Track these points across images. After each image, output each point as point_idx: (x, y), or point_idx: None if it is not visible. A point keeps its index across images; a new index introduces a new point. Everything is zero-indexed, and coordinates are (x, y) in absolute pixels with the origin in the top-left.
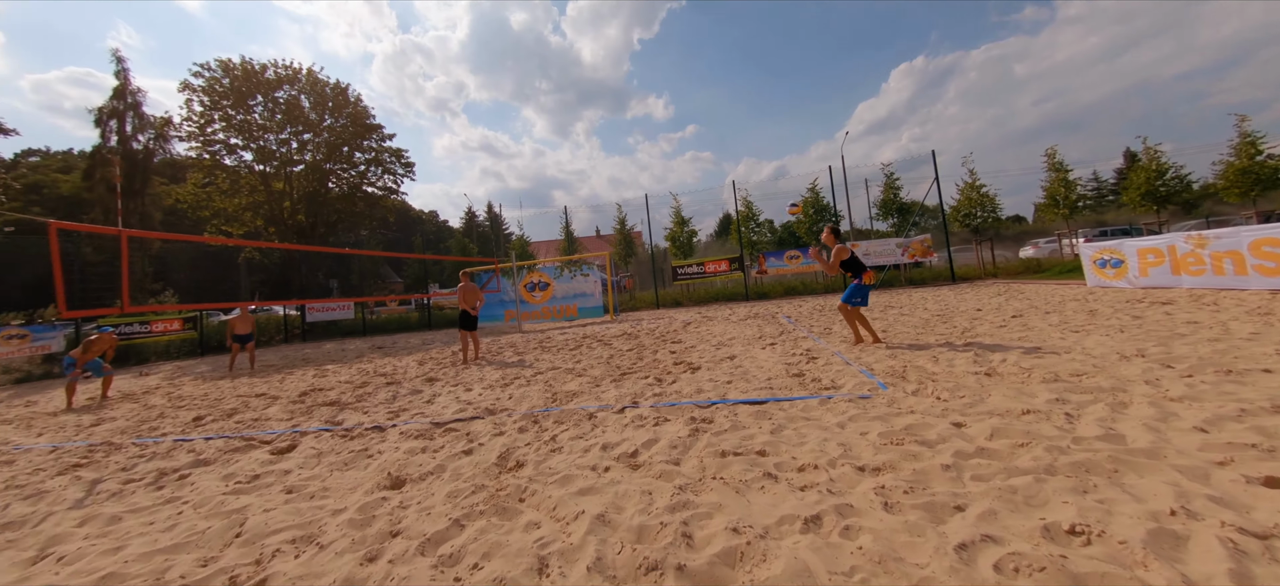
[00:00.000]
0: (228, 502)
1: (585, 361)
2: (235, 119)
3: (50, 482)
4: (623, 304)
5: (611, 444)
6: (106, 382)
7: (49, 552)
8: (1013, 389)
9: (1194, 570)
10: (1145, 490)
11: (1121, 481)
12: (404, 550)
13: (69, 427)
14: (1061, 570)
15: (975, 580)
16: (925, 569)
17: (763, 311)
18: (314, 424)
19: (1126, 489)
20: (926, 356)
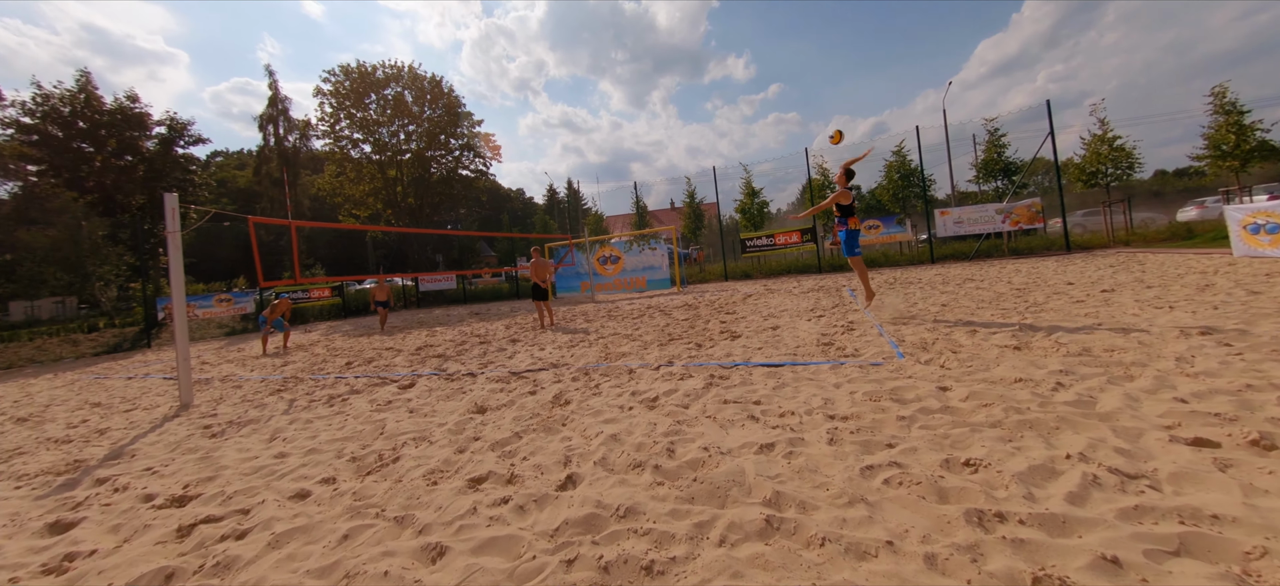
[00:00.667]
0: (373, 416)
1: (642, 328)
2: (356, 117)
3: (267, 399)
4: (691, 276)
5: (640, 391)
6: (286, 336)
7: (277, 436)
8: (1025, 362)
9: (1039, 492)
10: (1065, 442)
11: (1052, 436)
12: (480, 447)
13: (267, 366)
14: (933, 486)
15: (862, 486)
16: (830, 476)
17: (829, 285)
18: (427, 370)
19: (1050, 441)
20: (965, 331)
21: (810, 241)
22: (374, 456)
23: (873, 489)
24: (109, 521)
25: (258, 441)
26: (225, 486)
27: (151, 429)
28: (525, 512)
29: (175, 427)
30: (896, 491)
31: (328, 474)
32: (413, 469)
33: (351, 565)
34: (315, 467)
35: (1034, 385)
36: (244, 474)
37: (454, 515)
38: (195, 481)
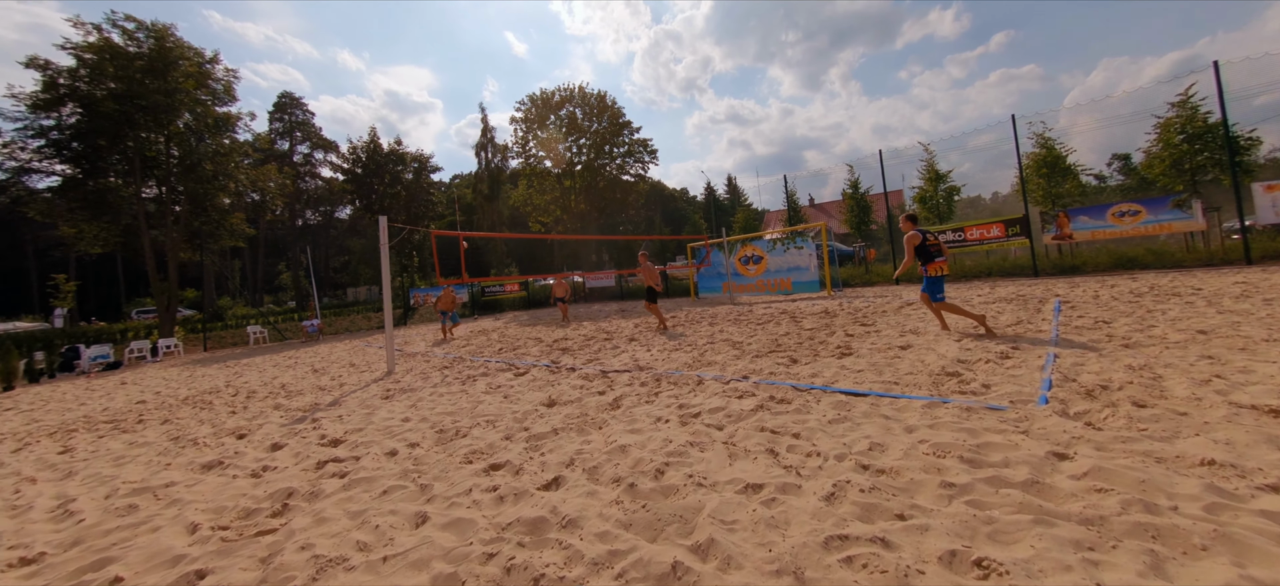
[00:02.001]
0: (480, 397)
1: (756, 336)
2: (540, 136)
3: (431, 373)
4: (855, 278)
5: (689, 404)
6: (447, 329)
7: (415, 404)
8: (1254, 439)
9: None
10: (1195, 576)
11: (1175, 562)
12: (521, 437)
13: (452, 347)
14: (899, 581)
15: (810, 559)
16: (786, 536)
17: (1037, 293)
18: (544, 360)
19: (1163, 568)
20: (1197, 379)
21: (1020, 234)
22: (453, 431)
23: (820, 565)
24: (295, 448)
25: (402, 406)
26: (362, 438)
27: (360, 388)
28: (501, 502)
29: (372, 389)
30: (845, 576)
31: (417, 439)
32: (466, 445)
33: (369, 517)
34: (414, 433)
35: (1224, 479)
36: (377, 430)
37: (457, 492)
38: (351, 430)
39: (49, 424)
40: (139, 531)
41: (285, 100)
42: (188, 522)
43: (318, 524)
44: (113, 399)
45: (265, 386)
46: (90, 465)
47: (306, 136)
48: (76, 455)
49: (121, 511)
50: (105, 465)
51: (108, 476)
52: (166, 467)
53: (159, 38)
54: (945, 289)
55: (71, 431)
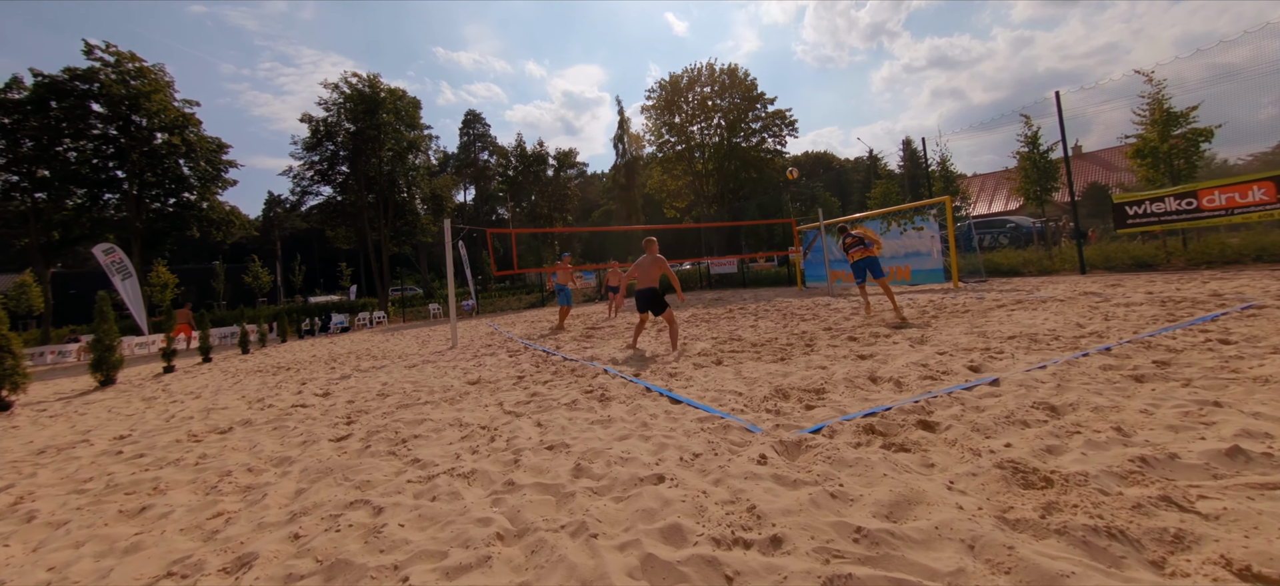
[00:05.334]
0: (507, 370)
1: (808, 336)
2: (671, 122)
3: (485, 359)
4: (1030, 264)
5: (538, 393)
6: (562, 314)
7: (443, 373)
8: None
9: None
10: None
11: None
12: (503, 423)
13: (554, 339)
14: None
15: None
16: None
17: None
18: (537, 344)
19: None
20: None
21: None
22: (466, 390)
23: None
24: (361, 387)
25: (430, 372)
26: (394, 396)
27: (433, 356)
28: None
29: (438, 358)
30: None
31: (433, 398)
32: (469, 415)
33: (358, 472)
34: (429, 396)
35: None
36: (404, 389)
37: (433, 456)
38: (394, 385)
39: (303, 359)
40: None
41: (470, 117)
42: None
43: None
44: (323, 349)
45: (370, 350)
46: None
47: (485, 146)
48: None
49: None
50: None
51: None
52: (302, 386)
53: (372, 86)
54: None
55: (297, 367)
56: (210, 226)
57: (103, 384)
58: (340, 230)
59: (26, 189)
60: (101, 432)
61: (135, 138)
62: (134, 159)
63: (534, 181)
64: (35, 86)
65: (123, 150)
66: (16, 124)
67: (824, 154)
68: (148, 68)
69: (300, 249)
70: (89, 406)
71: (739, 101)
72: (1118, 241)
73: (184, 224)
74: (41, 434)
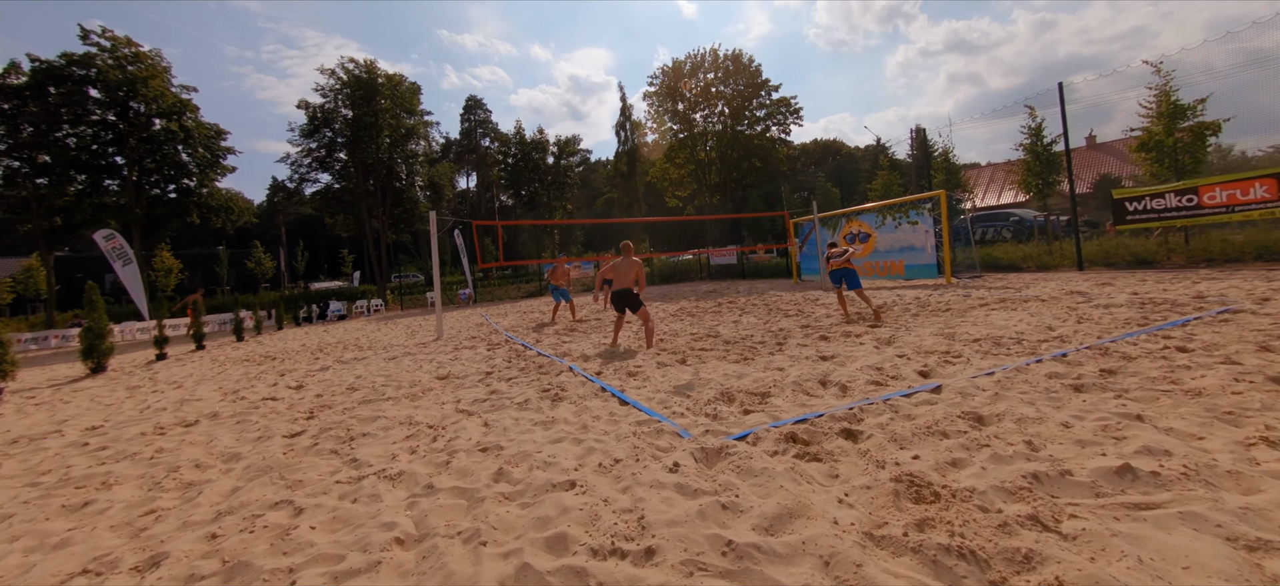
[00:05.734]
0: (471, 361)
1: (783, 334)
2: (673, 109)
3: (463, 350)
4: (1029, 260)
5: (496, 390)
6: (555, 309)
7: (418, 367)
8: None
9: None
10: None
11: None
12: (452, 422)
13: (546, 334)
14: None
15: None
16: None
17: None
18: (518, 339)
19: None
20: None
21: None
22: (430, 386)
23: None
24: (335, 379)
25: (407, 365)
26: (362, 390)
27: (416, 348)
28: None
29: (419, 350)
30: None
31: (397, 394)
32: (411, 395)
33: (296, 471)
34: (394, 391)
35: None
36: (374, 383)
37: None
38: (366, 379)
39: (293, 348)
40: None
41: (471, 102)
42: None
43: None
44: (315, 338)
45: (358, 340)
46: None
47: (487, 133)
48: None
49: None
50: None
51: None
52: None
53: (370, 71)
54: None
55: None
56: (210, 213)
57: (93, 371)
58: (339, 218)
59: (28, 174)
60: (77, 423)
61: (133, 123)
62: (132, 145)
63: (533, 169)
64: (32, 72)
65: (121, 136)
66: (16, 110)
67: (833, 142)
68: (144, 53)
69: (304, 234)
70: (76, 394)
71: (743, 88)
72: (1120, 237)
73: (184, 210)
74: (21, 423)
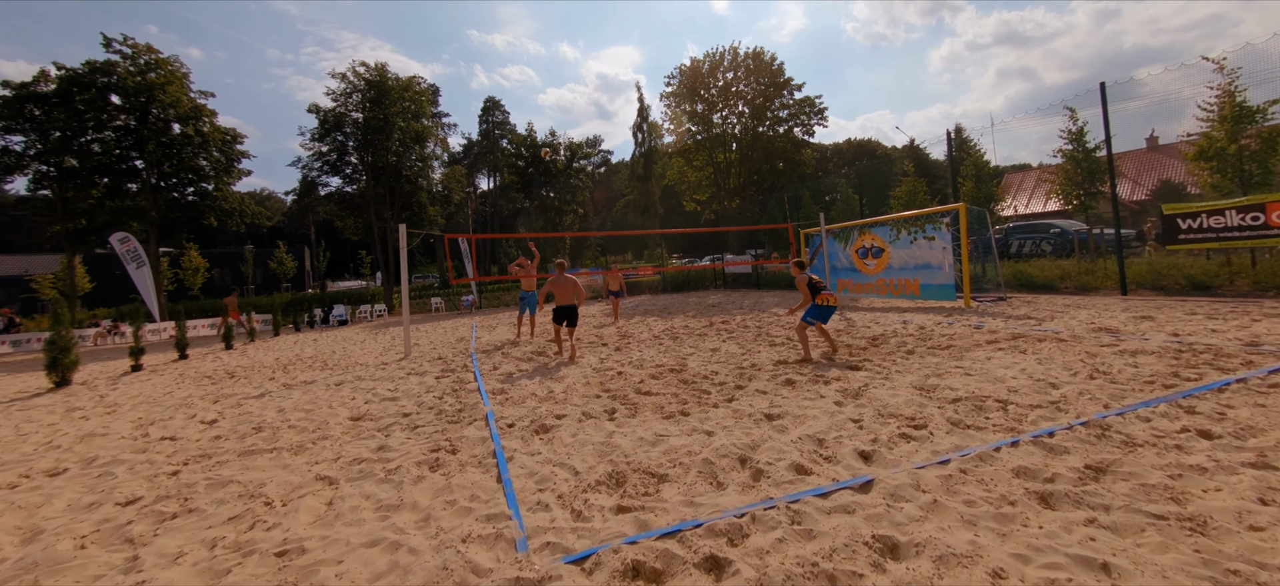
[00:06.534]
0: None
1: (746, 375)
2: (691, 110)
3: (427, 366)
4: (1067, 279)
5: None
6: (532, 322)
7: (379, 383)
8: None
9: None
10: None
11: None
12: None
13: (509, 356)
14: None
15: None
16: None
17: None
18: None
19: None
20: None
21: None
22: (330, 434)
23: None
24: (254, 413)
25: (343, 394)
26: (265, 432)
27: (376, 368)
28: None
29: (375, 372)
30: None
31: (292, 441)
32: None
33: (64, 567)
34: (292, 438)
35: None
36: (287, 422)
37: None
38: (283, 416)
39: (264, 362)
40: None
41: (490, 104)
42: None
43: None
44: (294, 350)
45: (331, 354)
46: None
47: (505, 134)
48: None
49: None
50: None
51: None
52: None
53: (381, 75)
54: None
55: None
56: (225, 216)
57: (57, 385)
58: (350, 220)
59: (55, 178)
60: None
61: (152, 128)
62: (151, 149)
63: (546, 172)
64: (60, 80)
65: (141, 140)
66: (46, 116)
67: (868, 142)
68: (164, 59)
69: (329, 234)
70: (21, 413)
71: (765, 87)
72: (1173, 255)
73: (200, 213)
74: None
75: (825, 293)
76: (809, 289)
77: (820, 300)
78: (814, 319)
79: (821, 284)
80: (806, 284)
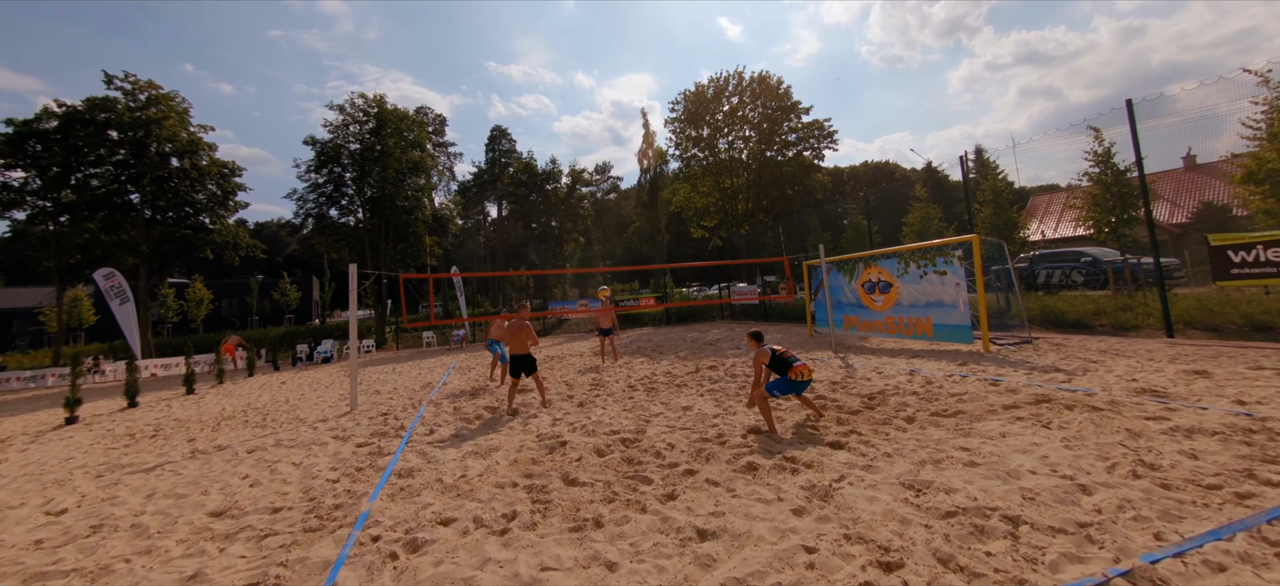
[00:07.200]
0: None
1: (703, 454)
2: (696, 135)
3: (361, 417)
4: (1101, 316)
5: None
6: (493, 364)
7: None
8: None
9: None
10: None
11: None
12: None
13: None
14: None
15: None
16: None
17: None
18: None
19: None
20: None
21: None
22: (156, 546)
23: None
24: (123, 500)
25: (226, 471)
26: (108, 523)
27: (315, 423)
28: None
29: (304, 435)
30: None
31: (95, 561)
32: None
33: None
34: (106, 552)
35: None
36: (131, 522)
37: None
38: (144, 507)
39: (207, 415)
40: None
41: (496, 133)
42: None
43: None
44: (248, 397)
45: (275, 404)
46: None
47: (510, 163)
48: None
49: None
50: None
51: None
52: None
53: (379, 105)
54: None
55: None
56: (220, 249)
57: None
58: (344, 252)
59: (52, 213)
60: None
61: (149, 163)
62: (145, 184)
63: (545, 200)
64: (61, 117)
65: (136, 175)
66: (46, 151)
67: (886, 164)
68: (165, 95)
69: (335, 264)
70: None
71: (773, 111)
72: (1231, 292)
73: (194, 247)
74: None
75: (798, 367)
76: (772, 366)
77: (793, 376)
78: (782, 393)
79: (789, 356)
80: (768, 361)
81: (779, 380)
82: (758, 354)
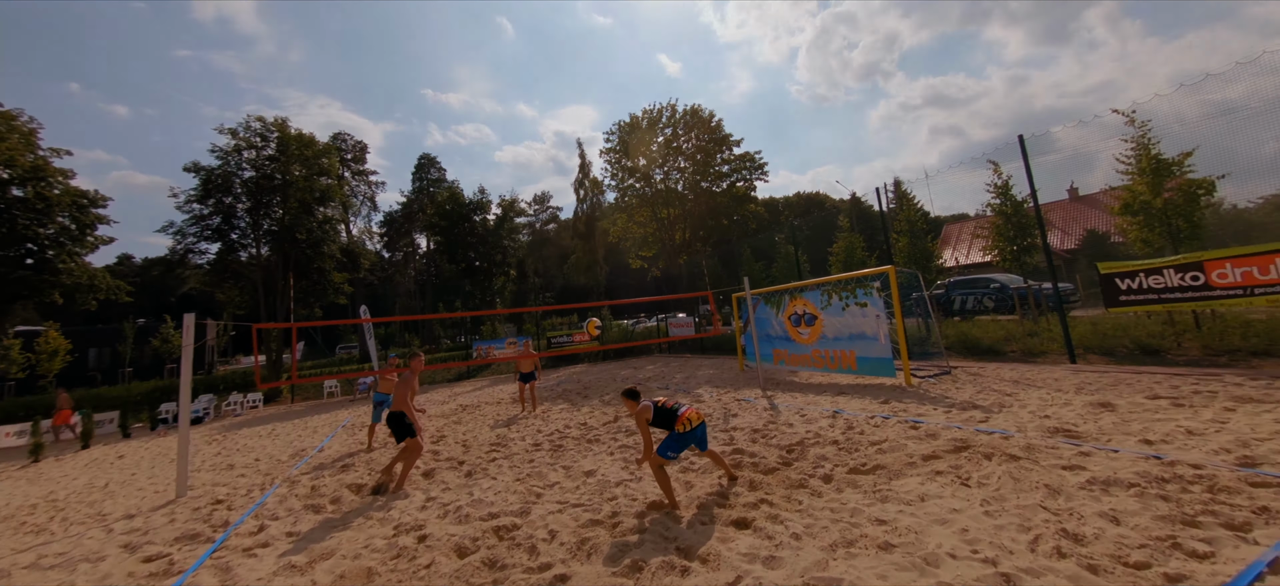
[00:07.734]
0: None
1: (587, 548)
2: (632, 167)
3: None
4: (1012, 342)
5: None
6: (371, 432)
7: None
8: None
9: None
10: None
11: None
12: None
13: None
14: None
15: None
16: None
17: None
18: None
19: None
20: None
21: None
22: None
23: None
24: None
25: None
26: None
27: (142, 508)
28: None
29: (132, 514)
30: None
31: None
32: None
33: None
34: None
35: None
36: None
37: None
38: None
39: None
40: None
41: (424, 161)
42: None
43: None
44: (44, 484)
45: (66, 500)
46: None
47: (438, 193)
48: None
49: None
50: None
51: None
52: None
53: (280, 129)
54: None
55: None
56: (72, 292)
57: None
58: (232, 292)
59: None
60: None
61: None
62: None
63: (471, 234)
64: None
65: None
66: None
67: (816, 195)
68: (4, 112)
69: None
70: None
71: (706, 143)
72: (1122, 315)
73: (38, 289)
74: None
75: (683, 415)
76: (656, 423)
77: (680, 428)
78: (676, 451)
79: (673, 406)
80: (650, 417)
81: (670, 437)
82: (637, 413)
